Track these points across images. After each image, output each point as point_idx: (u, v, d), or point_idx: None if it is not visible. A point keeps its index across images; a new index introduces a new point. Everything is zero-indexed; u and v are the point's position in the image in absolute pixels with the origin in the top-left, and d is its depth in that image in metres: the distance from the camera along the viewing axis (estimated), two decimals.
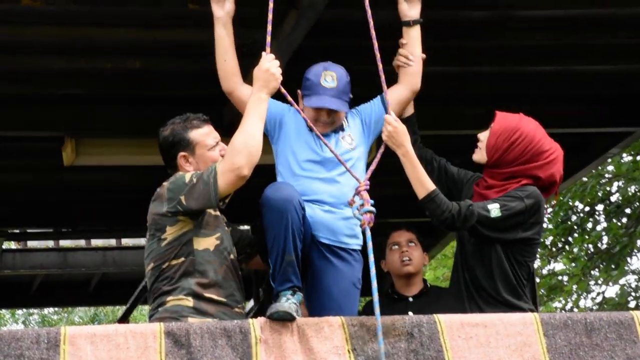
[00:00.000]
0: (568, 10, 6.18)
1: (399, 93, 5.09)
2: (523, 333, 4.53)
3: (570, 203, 14.94)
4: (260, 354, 4.30)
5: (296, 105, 4.86)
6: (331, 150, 4.82)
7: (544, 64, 6.78)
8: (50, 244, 11.27)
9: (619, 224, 14.65)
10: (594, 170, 12.93)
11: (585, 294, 15.12)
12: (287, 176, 4.90)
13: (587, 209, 15.06)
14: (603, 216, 14.96)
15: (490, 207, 4.85)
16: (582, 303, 15.23)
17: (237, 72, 4.92)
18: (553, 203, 5.25)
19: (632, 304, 14.38)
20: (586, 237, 14.93)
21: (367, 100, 5.12)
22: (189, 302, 4.55)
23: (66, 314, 26.31)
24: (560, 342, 4.54)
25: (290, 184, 4.77)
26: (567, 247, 15.36)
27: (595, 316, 4.63)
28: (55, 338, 4.18)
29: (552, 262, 15.70)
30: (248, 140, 4.57)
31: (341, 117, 4.96)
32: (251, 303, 10.10)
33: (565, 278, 15.29)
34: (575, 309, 15.08)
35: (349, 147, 4.94)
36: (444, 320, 4.51)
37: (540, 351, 4.51)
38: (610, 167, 14.52)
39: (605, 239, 14.91)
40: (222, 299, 4.60)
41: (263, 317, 4.42)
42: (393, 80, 5.13)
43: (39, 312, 26.58)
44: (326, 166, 4.89)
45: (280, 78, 4.69)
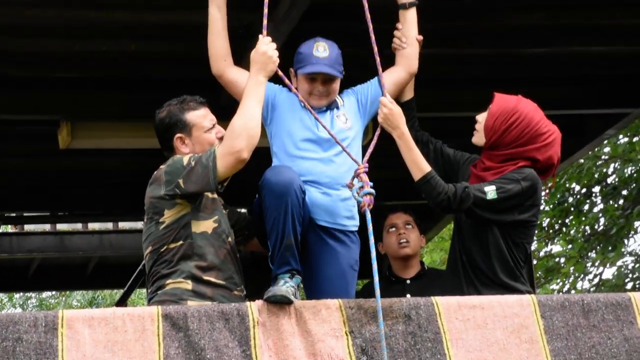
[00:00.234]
0: None
1: (395, 75, 5.08)
2: (520, 315, 4.54)
3: (567, 185, 14.95)
4: (258, 336, 4.30)
5: (292, 86, 4.85)
6: (326, 129, 4.80)
7: (540, 46, 6.77)
8: (47, 227, 11.27)
9: (616, 205, 14.65)
10: (591, 152, 12.93)
11: (582, 275, 15.14)
12: (283, 157, 4.89)
13: (584, 190, 15.06)
14: (600, 198, 14.96)
15: (486, 189, 4.84)
16: (579, 285, 15.25)
17: (227, 55, 4.91)
18: (550, 185, 5.23)
19: (629, 285, 14.40)
20: (583, 218, 14.94)
21: (362, 83, 5.11)
22: (188, 285, 4.55)
23: (64, 298, 26.33)
24: (558, 324, 4.54)
25: (290, 168, 4.76)
26: (564, 229, 15.37)
27: (593, 297, 4.64)
28: (53, 321, 4.18)
29: (549, 244, 15.72)
30: (247, 123, 4.57)
31: (335, 89, 4.95)
32: None
33: (562, 260, 15.30)
34: (573, 291, 15.09)
35: (344, 126, 4.94)
36: (442, 303, 4.51)
37: (537, 332, 4.52)
38: (607, 149, 14.52)
39: (602, 220, 14.92)
40: (221, 281, 4.60)
41: (260, 300, 4.43)
42: (391, 63, 5.11)
43: (37, 296, 26.61)
44: (322, 146, 4.89)
45: (278, 61, 4.69)
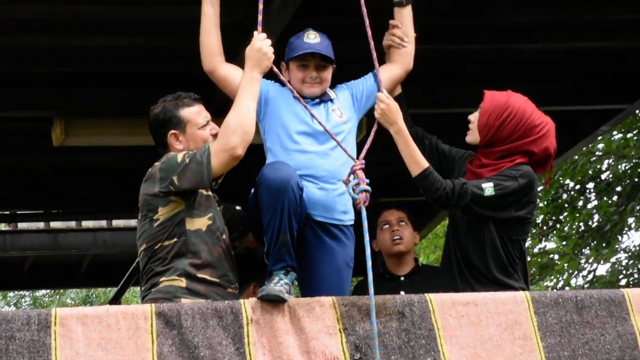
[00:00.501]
0: None
1: (392, 72, 5.08)
2: (514, 311, 4.54)
3: (561, 181, 14.96)
4: (251, 334, 4.30)
5: (286, 81, 4.85)
6: (320, 124, 4.79)
7: (534, 42, 6.77)
8: (40, 225, 11.24)
9: (610, 201, 14.67)
10: (585, 148, 12.94)
11: (576, 272, 15.15)
12: (278, 151, 4.87)
13: (578, 187, 15.08)
14: (594, 194, 14.98)
15: (484, 185, 4.85)
16: (573, 281, 15.26)
17: (220, 52, 4.90)
18: (549, 178, 5.22)
19: (623, 281, 14.42)
20: (577, 215, 14.95)
21: (356, 79, 5.11)
22: (181, 282, 4.55)
23: (58, 296, 26.30)
24: (551, 320, 4.55)
25: (288, 164, 4.74)
26: (558, 225, 15.39)
27: (586, 294, 4.64)
28: (46, 319, 4.17)
29: (543, 240, 15.73)
30: (242, 120, 4.56)
31: (328, 78, 4.95)
32: None
33: (556, 256, 15.32)
34: (567, 288, 15.11)
35: (339, 120, 4.94)
36: (435, 299, 4.51)
37: (531, 329, 4.52)
38: (601, 145, 14.53)
39: (596, 217, 14.93)
40: (215, 279, 4.60)
41: (254, 298, 4.42)
42: (384, 60, 5.11)
43: (31, 294, 26.57)
44: (318, 139, 4.88)
45: (273, 57, 4.69)
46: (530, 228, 5.13)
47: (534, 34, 6.63)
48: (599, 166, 14.78)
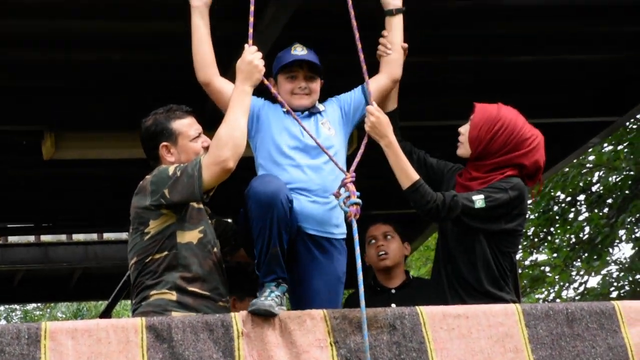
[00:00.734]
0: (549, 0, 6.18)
1: (379, 82, 5.09)
2: (505, 324, 4.53)
3: (552, 193, 14.97)
4: (242, 347, 4.29)
5: (277, 95, 4.85)
6: (311, 137, 4.80)
7: (525, 54, 6.78)
8: (31, 239, 11.23)
9: (601, 214, 14.68)
10: (575, 160, 12.96)
11: (567, 284, 15.16)
12: (270, 167, 4.87)
13: (569, 199, 15.10)
14: (585, 206, 14.99)
15: (474, 198, 4.85)
16: (564, 294, 15.27)
17: (213, 63, 4.90)
18: (538, 190, 5.23)
19: (614, 294, 14.42)
20: (568, 227, 14.97)
21: (347, 92, 5.11)
22: (172, 296, 4.54)
23: (49, 310, 26.24)
24: (542, 333, 4.55)
25: (277, 177, 4.74)
26: (549, 237, 15.40)
27: (577, 306, 4.64)
28: (35, 333, 4.16)
29: (534, 253, 15.73)
30: (233, 133, 4.56)
31: (316, 89, 4.97)
32: None
33: (547, 269, 15.32)
34: (558, 300, 15.11)
35: (328, 134, 4.94)
36: (426, 312, 4.51)
37: (522, 341, 4.52)
38: (592, 157, 14.56)
39: (587, 229, 14.94)
40: (206, 292, 4.59)
41: (245, 311, 4.41)
42: (374, 72, 5.11)
43: (22, 308, 26.51)
44: (310, 153, 4.88)
45: (263, 70, 4.69)
46: (521, 240, 5.13)
47: (525, 46, 6.65)
48: (589, 178, 14.80)
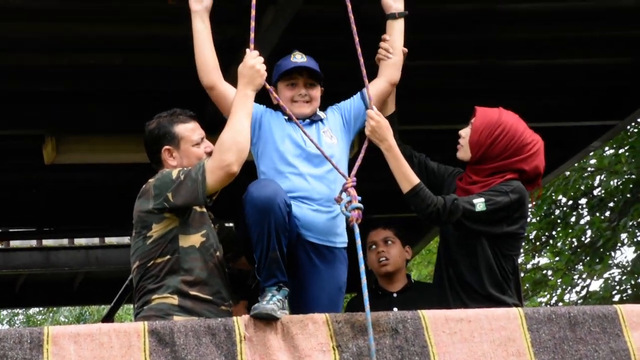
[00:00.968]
0: (549, 4, 6.18)
1: (378, 87, 5.08)
2: (507, 328, 4.53)
3: (554, 197, 14.97)
4: (244, 351, 4.28)
5: (279, 99, 4.85)
6: (313, 143, 4.80)
7: (526, 58, 6.79)
8: (33, 243, 11.23)
9: (602, 217, 14.67)
10: (577, 164, 12.96)
11: (569, 288, 15.15)
12: (272, 175, 4.86)
13: (570, 202, 15.09)
14: (586, 210, 14.99)
15: (475, 201, 4.85)
16: (566, 297, 15.25)
17: (217, 67, 4.89)
18: (538, 195, 5.23)
19: (617, 297, 14.41)
20: (570, 231, 14.96)
21: (347, 97, 5.12)
22: (174, 300, 4.54)
23: (51, 314, 26.23)
24: (545, 337, 4.54)
25: (274, 181, 4.74)
26: (551, 241, 15.39)
27: (579, 310, 4.64)
28: (38, 338, 4.15)
29: (536, 256, 15.72)
30: (236, 137, 4.55)
31: (317, 97, 4.96)
32: None
33: (549, 272, 15.31)
34: (560, 304, 15.10)
35: (330, 142, 4.94)
36: (428, 316, 4.51)
37: (524, 345, 4.51)
38: (593, 161, 14.55)
39: (589, 232, 14.93)
40: (208, 296, 4.58)
41: (247, 315, 4.41)
42: (373, 76, 5.12)
43: (24, 312, 26.51)
44: (312, 161, 4.88)
45: (265, 74, 4.68)
46: (523, 243, 5.13)
47: (525, 50, 6.65)
48: (591, 182, 14.80)
